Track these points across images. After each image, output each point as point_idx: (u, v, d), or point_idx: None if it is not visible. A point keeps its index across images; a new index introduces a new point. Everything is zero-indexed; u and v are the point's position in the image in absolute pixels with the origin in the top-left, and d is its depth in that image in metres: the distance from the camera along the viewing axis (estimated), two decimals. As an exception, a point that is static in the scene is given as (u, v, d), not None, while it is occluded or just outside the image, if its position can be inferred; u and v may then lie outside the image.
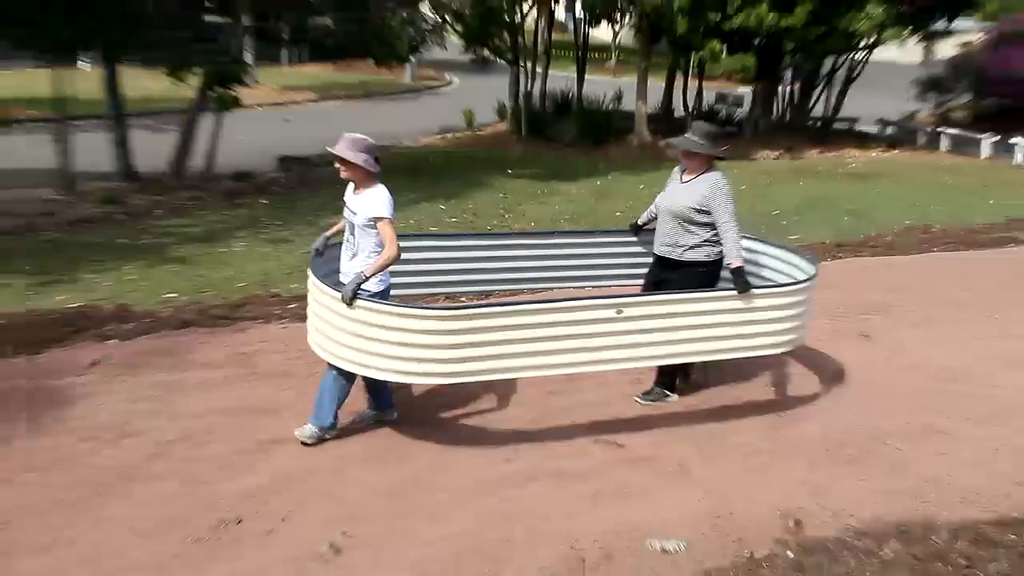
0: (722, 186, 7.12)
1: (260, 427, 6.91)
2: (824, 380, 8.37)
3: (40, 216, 15.63)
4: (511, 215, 16.16)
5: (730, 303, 6.82)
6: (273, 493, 6.06)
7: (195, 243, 13.73)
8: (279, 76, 40.72)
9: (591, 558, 5.48)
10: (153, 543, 5.47)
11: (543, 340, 6.31)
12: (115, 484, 6.09)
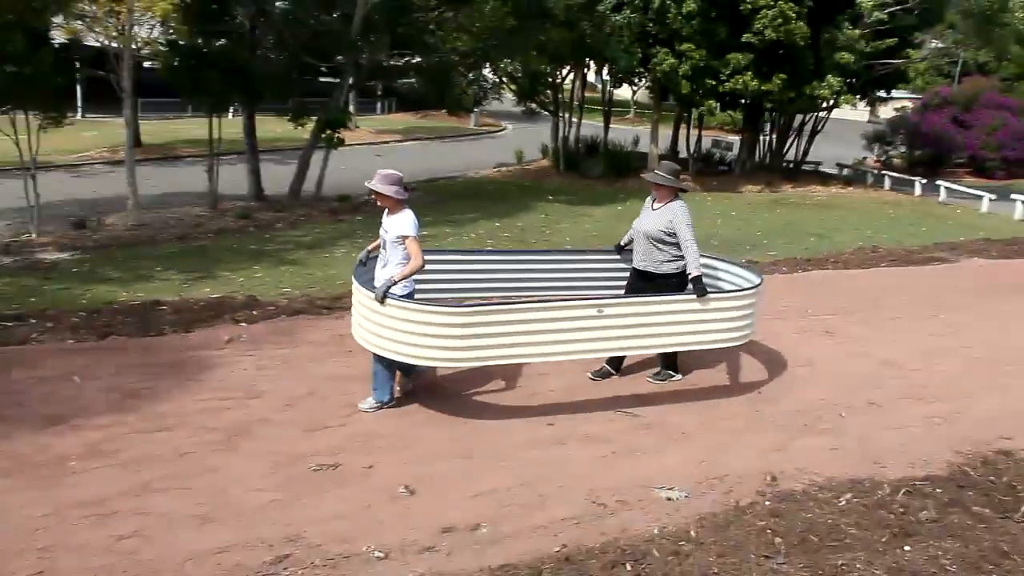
0: (683, 213, 7.08)
1: (352, 392, 6.86)
2: (794, 366, 8.21)
3: (193, 227, 15.79)
4: (551, 231, 16.07)
5: (690, 305, 6.77)
6: (363, 443, 6.03)
7: (306, 249, 13.77)
8: (374, 121, 40.82)
9: (610, 504, 5.40)
10: (276, 475, 5.49)
11: (538, 332, 6.27)
12: (245, 431, 6.10)
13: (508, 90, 27.26)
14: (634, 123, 41.94)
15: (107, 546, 4.62)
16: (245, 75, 18.05)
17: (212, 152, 18.83)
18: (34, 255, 13.51)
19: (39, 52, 15.45)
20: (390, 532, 4.92)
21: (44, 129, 16.06)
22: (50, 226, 16.58)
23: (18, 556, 4.49)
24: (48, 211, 16.90)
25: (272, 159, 23.89)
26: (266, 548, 4.68)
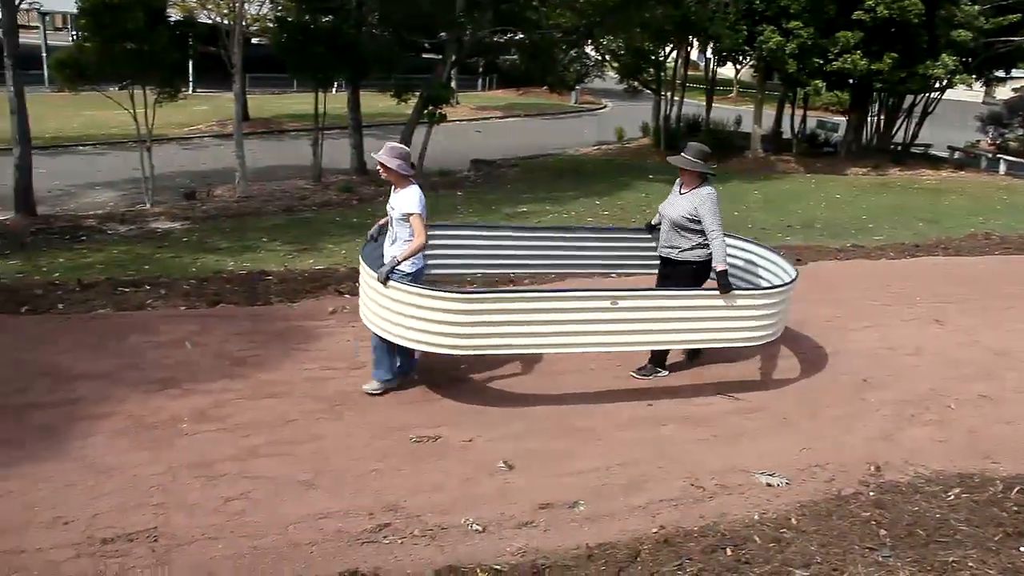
0: (710, 200, 6.60)
1: (454, 365, 6.90)
2: (902, 354, 7.95)
3: (298, 200, 16.12)
4: (651, 210, 15.80)
5: (712, 301, 6.32)
6: (462, 417, 6.07)
7: (408, 223, 13.90)
8: (475, 98, 40.98)
9: (709, 487, 5.32)
10: (377, 446, 5.59)
11: (546, 323, 5.92)
12: (348, 401, 6.21)
13: (610, 68, 27.01)
14: (736, 102, 41.20)
15: (215, 507, 4.77)
16: (351, 51, 18.29)
17: (317, 127, 19.17)
18: (147, 224, 13.98)
19: (157, 29, 15.94)
20: (488, 506, 4.95)
21: (160, 103, 16.58)
22: (162, 196, 17.16)
23: (135, 511, 4.68)
24: (160, 182, 17.48)
25: (374, 134, 24.15)
26: (367, 516, 4.76)
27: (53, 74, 16.97)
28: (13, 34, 15.12)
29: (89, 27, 15.97)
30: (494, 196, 16.99)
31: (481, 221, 12.27)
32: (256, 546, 4.44)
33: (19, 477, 4.99)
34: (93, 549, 4.37)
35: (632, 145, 27.78)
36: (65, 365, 6.55)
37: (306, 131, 25.39)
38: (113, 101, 16.80)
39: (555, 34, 22.56)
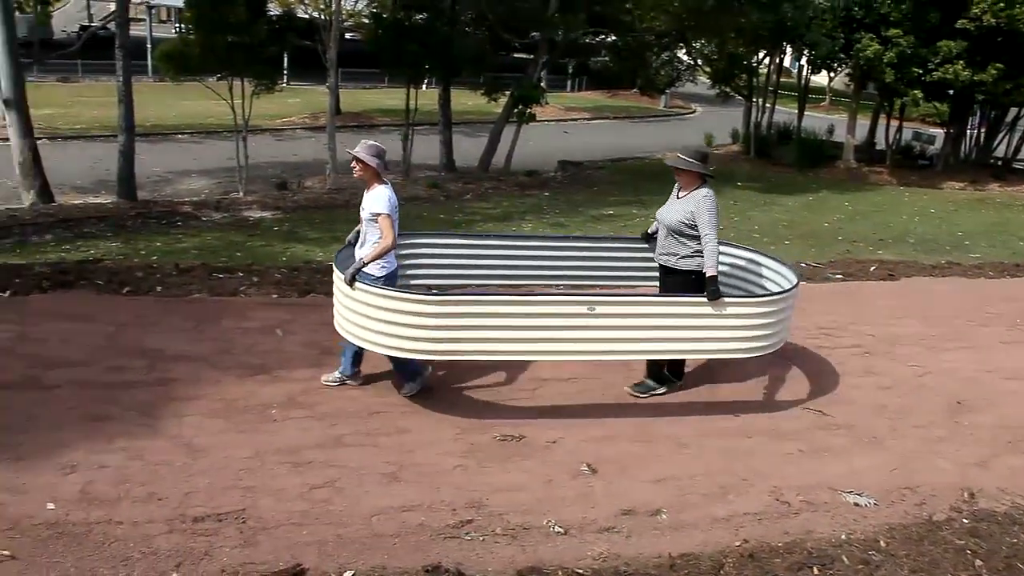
0: (706, 203, 6.14)
1: (539, 366, 6.85)
2: (1000, 378, 7.65)
3: (386, 193, 16.28)
4: (740, 218, 15.62)
5: (699, 308, 5.89)
6: (547, 418, 6.06)
7: (494, 221, 13.95)
8: (563, 99, 40.95)
9: (794, 503, 5.21)
10: (462, 442, 5.62)
11: (520, 328, 5.63)
12: (434, 396, 6.25)
13: (702, 72, 26.72)
14: (829, 111, 40.31)
15: (301, 493, 4.85)
16: (444, 49, 18.46)
17: (408, 122, 19.38)
18: (240, 212, 14.29)
19: (257, 23, 16.32)
20: (571, 508, 4.93)
21: (257, 95, 16.97)
22: (255, 186, 17.55)
23: (225, 492, 4.79)
24: (254, 172, 17.88)
25: (463, 131, 24.35)
26: (449, 511, 4.79)
27: (158, 65, 17.53)
28: (125, 26, 15.65)
29: (194, 20, 16.43)
30: (580, 197, 16.94)
31: (470, 232, 11.53)
32: (340, 534, 4.50)
33: (116, 452, 5.15)
34: (184, 526, 4.48)
35: (721, 151, 27.42)
36: (162, 346, 6.74)
37: (396, 126, 25.69)
38: (212, 92, 17.26)
39: (647, 37, 22.41)
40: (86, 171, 20.57)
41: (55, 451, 5.13)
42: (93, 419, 5.55)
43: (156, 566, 4.17)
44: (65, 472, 4.92)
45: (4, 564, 4.11)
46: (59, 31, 45.65)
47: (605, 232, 13.36)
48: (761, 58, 26.31)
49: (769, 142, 26.07)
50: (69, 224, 12.94)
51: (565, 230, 13.17)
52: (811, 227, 14.98)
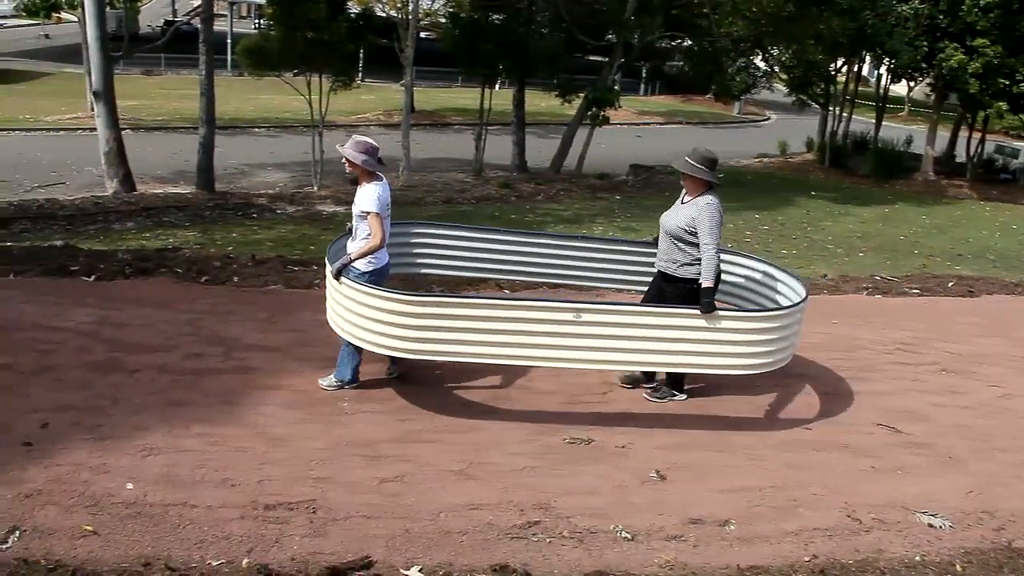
0: (709, 209, 5.89)
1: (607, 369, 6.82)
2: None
3: (457, 192, 16.41)
4: (812, 228, 15.44)
5: (691, 321, 5.65)
6: (618, 422, 6.03)
7: (565, 223, 13.96)
8: (636, 102, 40.75)
9: (865, 521, 5.10)
10: (532, 443, 5.61)
11: (503, 332, 5.47)
12: (511, 397, 6.26)
13: (778, 79, 26.39)
14: (907, 121, 39.53)
15: (372, 486, 4.90)
16: (519, 49, 18.53)
17: (481, 122, 19.48)
18: (314, 206, 14.54)
19: (336, 20, 16.57)
20: (639, 515, 4.90)
21: (334, 91, 17.22)
22: (328, 180, 17.78)
23: (298, 482, 4.86)
24: (328, 167, 18.12)
25: (535, 132, 24.38)
26: (517, 512, 4.79)
27: (239, 60, 17.90)
28: (209, 22, 16.01)
29: (276, 16, 16.73)
30: (652, 202, 16.85)
31: (477, 225, 11.50)
32: (409, 529, 4.54)
33: (193, 437, 5.27)
34: (257, 513, 4.56)
35: (795, 160, 27.09)
36: (238, 335, 6.88)
37: (469, 125, 25.86)
38: (289, 87, 17.54)
39: (724, 42, 22.20)
40: (166, 161, 21.11)
41: (135, 433, 5.27)
42: (172, 404, 5.68)
43: (229, 550, 4.24)
44: (144, 454, 5.04)
45: (87, 539, 4.23)
46: (144, 26, 46.85)
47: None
48: (839, 66, 25.91)
49: (844, 152, 25.66)
50: (150, 212, 13.31)
51: (636, 235, 13.10)
52: (886, 239, 14.71)
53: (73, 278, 8.15)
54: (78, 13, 27.90)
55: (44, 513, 4.42)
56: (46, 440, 5.13)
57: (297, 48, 16.15)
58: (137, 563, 4.06)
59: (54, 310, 7.11)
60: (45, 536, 4.24)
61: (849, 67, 25.96)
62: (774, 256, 12.87)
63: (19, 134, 25.91)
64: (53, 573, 3.78)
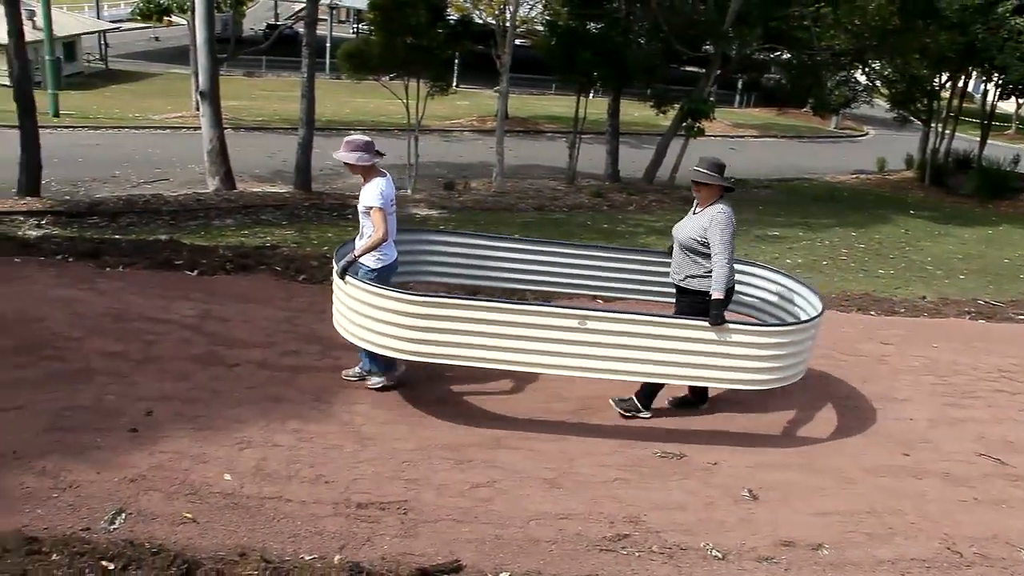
0: (721, 219, 5.67)
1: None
2: None
3: (550, 200, 16.44)
4: (910, 248, 15.00)
5: (700, 333, 5.46)
6: (709, 438, 5.93)
7: (657, 235, 13.85)
8: (731, 114, 40.23)
9: (966, 555, 4.91)
10: (622, 455, 5.57)
11: (506, 337, 5.35)
12: (596, 404, 6.20)
13: (879, 94, 25.74)
14: (1013, 140, 38.18)
15: (463, 490, 4.92)
16: (616, 58, 18.47)
17: (575, 130, 19.47)
18: (408, 209, 14.70)
19: (435, 26, 16.77)
20: (729, 534, 4.81)
21: (431, 96, 17.41)
22: (422, 184, 17.98)
23: (389, 482, 4.92)
24: (421, 171, 18.34)
25: (628, 142, 24.24)
26: (607, 524, 4.75)
27: (340, 63, 18.24)
28: (312, 26, 16.37)
29: (376, 22, 17.01)
30: (745, 216, 16.51)
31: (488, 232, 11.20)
32: (498, 535, 4.54)
33: (288, 432, 5.37)
34: (349, 511, 4.62)
35: (893, 177, 26.36)
36: (335, 334, 6.93)
37: (562, 133, 25.88)
38: (385, 91, 17.80)
39: (824, 55, 21.76)
40: (264, 161, 21.64)
41: (233, 425, 5.40)
42: (269, 399, 5.81)
43: (321, 546, 4.31)
44: (241, 447, 5.16)
45: (186, 525, 4.34)
46: (247, 29, 48.12)
47: (769, 252, 13.06)
48: (943, 81, 25.11)
49: (946, 170, 24.83)
50: (248, 210, 13.65)
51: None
52: (989, 262, 14.20)
53: (177, 272, 8.39)
54: (187, 17, 28.79)
55: (147, 498, 4.56)
56: (150, 428, 5.29)
57: (396, 53, 16.39)
58: (233, 552, 4.15)
59: (160, 302, 7.34)
60: (148, 520, 4.37)
61: (954, 82, 25.11)
62: (871, 276, 12.57)
63: (128, 131, 26.87)
64: (157, 556, 3.87)
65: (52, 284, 7.82)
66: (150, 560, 3.86)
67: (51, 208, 13.76)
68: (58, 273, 8.18)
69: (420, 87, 17.39)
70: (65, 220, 13.14)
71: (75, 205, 14.27)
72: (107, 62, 44.26)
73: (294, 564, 4.06)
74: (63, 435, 5.16)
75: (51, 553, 3.88)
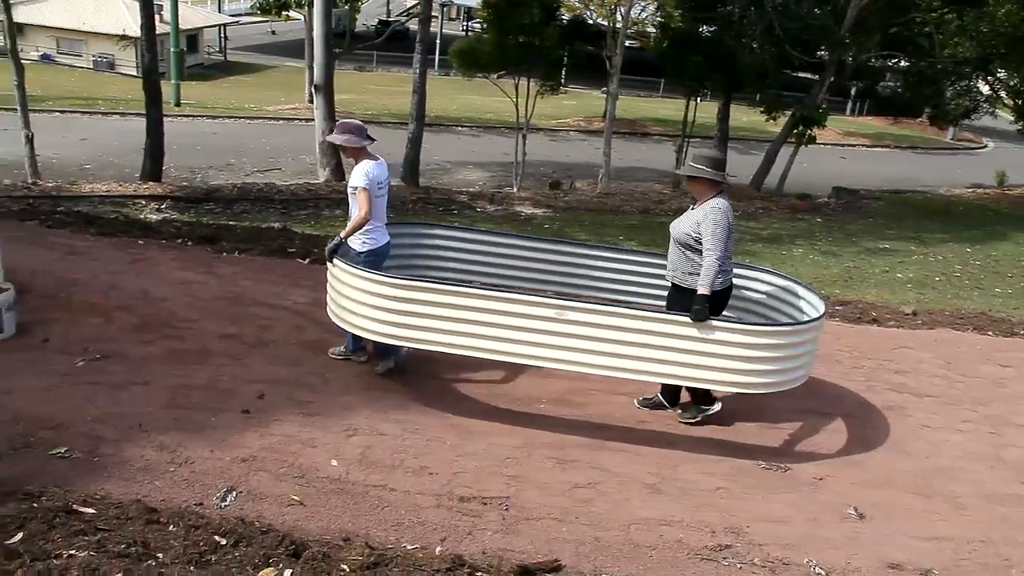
0: (715, 214, 5.46)
1: (802, 397, 6.49)
2: None
3: (655, 203, 16.31)
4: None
5: (682, 329, 5.21)
6: (813, 452, 5.78)
7: (763, 242, 13.60)
8: (842, 122, 39.22)
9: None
10: (726, 464, 5.45)
11: (483, 324, 5.26)
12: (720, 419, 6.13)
13: (1003, 105, 24.73)
14: None
15: (564, 490, 4.91)
16: (728, 62, 18.21)
17: (684, 134, 19.27)
18: (513, 207, 14.77)
19: (548, 26, 16.80)
20: (834, 552, 4.68)
21: (541, 95, 17.45)
22: (528, 183, 18.04)
23: (491, 477, 4.94)
24: (527, 169, 18.37)
25: (735, 147, 23.89)
26: (708, 533, 4.67)
27: (452, 60, 18.46)
28: (426, 23, 16.59)
29: (490, 20, 17.13)
30: (855, 227, 16.17)
31: (488, 228, 10.86)
32: (598, 537, 4.51)
33: (393, 423, 5.45)
34: (451, 503, 4.65)
35: (1014, 192, 25.26)
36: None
37: (668, 136, 25.64)
38: (493, 89, 17.91)
39: (946, 63, 20.99)
40: (373, 154, 21.95)
41: (341, 412, 5.51)
42: (375, 388, 5.91)
43: (424, 536, 4.35)
44: (349, 434, 5.26)
45: (293, 507, 4.45)
46: (359, 24, 49.08)
47: (879, 265, 12.69)
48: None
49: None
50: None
51: (837, 259, 12.63)
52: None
53: (290, 259, 8.61)
54: (304, 11, 29.51)
55: (257, 478, 4.68)
56: (262, 410, 5.44)
57: (508, 51, 16.50)
58: (338, 537, 4.22)
59: (273, 288, 7.54)
60: (257, 500, 4.49)
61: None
62: (987, 294, 12.09)
63: (243, 121, 27.71)
64: (266, 536, 3.97)
65: (173, 267, 8.12)
66: (259, 539, 3.95)
67: (171, 193, 14.28)
68: (178, 256, 8.50)
69: (530, 86, 17.45)
70: (183, 205, 13.62)
71: (193, 191, 14.78)
72: (226, 54, 45.82)
73: (397, 552, 4.10)
74: (180, 412, 5.35)
75: (168, 524, 4.01)
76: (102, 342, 6.26)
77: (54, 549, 3.49)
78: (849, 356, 7.46)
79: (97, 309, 6.86)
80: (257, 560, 3.70)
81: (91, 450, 4.83)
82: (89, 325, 6.58)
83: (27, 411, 5.18)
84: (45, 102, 26.26)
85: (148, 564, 3.42)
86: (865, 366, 7.23)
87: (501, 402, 5.92)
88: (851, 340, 7.84)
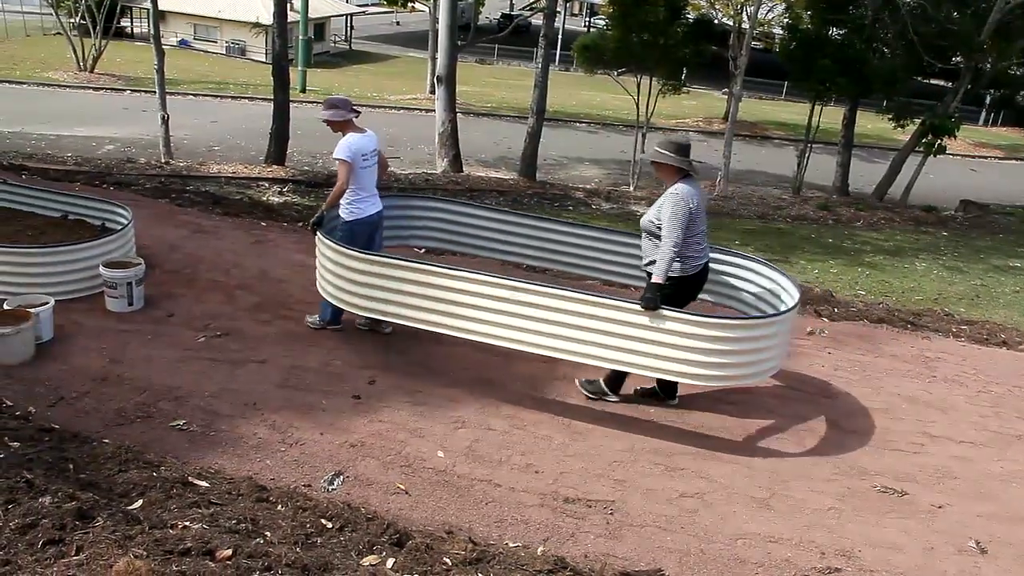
0: (673, 199, 5.26)
1: (931, 420, 6.25)
2: None
3: (773, 209, 15.91)
4: None
5: (632, 316, 5.10)
6: (935, 479, 5.48)
7: (885, 255, 13.10)
8: (973, 133, 37.50)
9: None
10: (838, 483, 5.22)
11: (440, 301, 5.43)
12: (812, 426, 5.90)
13: None
14: None
15: (670, 498, 4.81)
16: (858, 67, 17.60)
17: (807, 139, 18.75)
18: (629, 205, 14.64)
19: (673, 24, 16.56)
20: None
21: (664, 94, 17.22)
22: (644, 181, 17.84)
23: (596, 480, 4.89)
24: (645, 167, 18.16)
25: (859, 155, 23.12)
26: (817, 554, 4.50)
27: (575, 56, 18.38)
28: (551, 18, 16.56)
29: (615, 16, 17.00)
30: (983, 243, 15.42)
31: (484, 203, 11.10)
32: (703, 549, 4.40)
33: (501, 417, 5.46)
34: (555, 504, 4.62)
35: None
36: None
37: (790, 141, 25.01)
38: (619, 86, 17.74)
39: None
40: (491, 147, 22.13)
41: (449, 404, 5.54)
42: (483, 382, 5.92)
43: (526, 535, 4.33)
44: (456, 426, 5.28)
45: (399, 496, 4.49)
46: (483, 18, 49.46)
47: (1009, 284, 12.07)
48: None
49: None
50: (474, 193, 13.97)
51: (963, 276, 12.07)
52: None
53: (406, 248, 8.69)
54: (429, 3, 29.86)
55: (364, 464, 4.75)
56: (372, 396, 5.52)
57: (632, 49, 16.33)
58: (441, 529, 4.24)
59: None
60: (364, 486, 4.55)
61: None
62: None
63: (365, 109, 28.06)
64: (371, 523, 4.00)
65: (292, 249, 8.31)
66: (364, 525, 3.98)
67: (293, 177, 14.61)
68: (298, 239, 8.69)
69: (652, 84, 17.25)
70: (304, 189, 13.92)
71: (314, 176, 15.09)
72: (351, 43, 46.79)
73: (499, 549, 4.09)
74: (293, 393, 5.48)
75: (277, 504, 4.09)
76: (222, 319, 6.46)
77: (171, 519, 3.59)
78: (975, 379, 7.09)
79: (219, 286, 7.08)
80: (361, 546, 3.73)
81: (207, 424, 4.98)
82: (211, 302, 6.80)
83: (152, 382, 5.39)
84: (180, 85, 27.31)
85: (257, 542, 3.48)
86: (993, 391, 6.86)
87: (607, 404, 5.84)
88: (978, 362, 7.46)
